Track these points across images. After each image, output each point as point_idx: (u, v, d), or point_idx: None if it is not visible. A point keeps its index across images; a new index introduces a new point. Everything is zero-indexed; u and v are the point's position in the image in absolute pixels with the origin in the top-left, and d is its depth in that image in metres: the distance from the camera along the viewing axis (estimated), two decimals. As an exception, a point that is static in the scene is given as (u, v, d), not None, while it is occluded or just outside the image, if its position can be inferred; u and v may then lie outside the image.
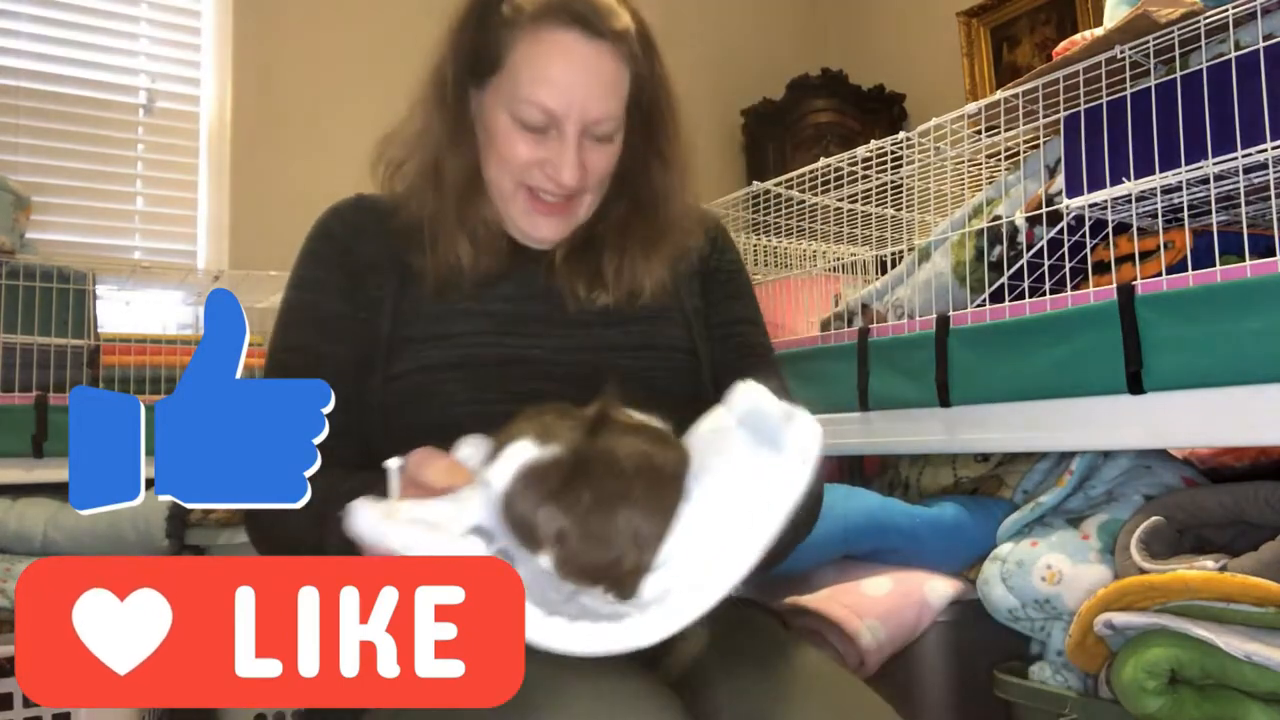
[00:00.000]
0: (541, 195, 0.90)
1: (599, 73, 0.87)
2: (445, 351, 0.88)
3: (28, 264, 1.77)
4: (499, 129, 0.88)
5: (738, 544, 0.57)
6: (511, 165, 0.89)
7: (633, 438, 0.63)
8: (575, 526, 0.59)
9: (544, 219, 0.92)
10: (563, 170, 0.87)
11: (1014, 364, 1.08)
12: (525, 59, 0.86)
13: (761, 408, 0.64)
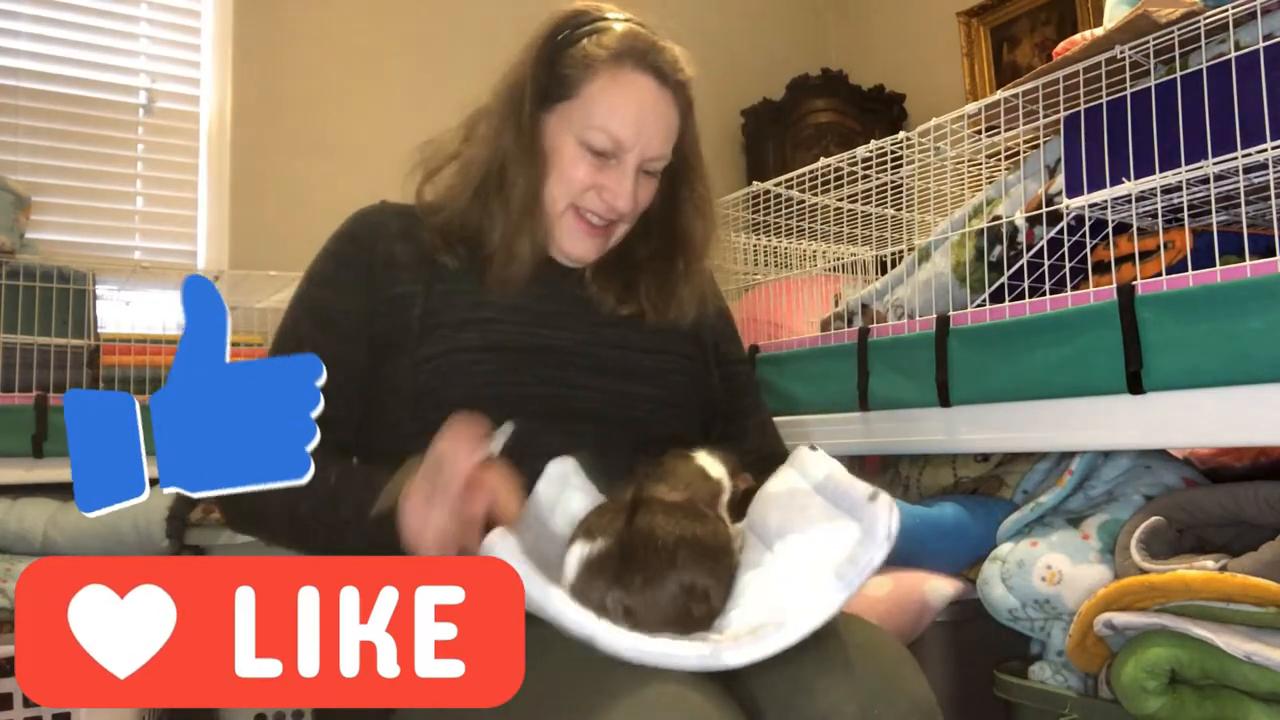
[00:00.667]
0: (588, 217, 0.97)
1: (664, 116, 0.97)
2: (479, 335, 0.93)
3: (28, 264, 1.77)
4: (564, 151, 0.96)
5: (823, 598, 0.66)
6: (570, 186, 0.96)
7: (665, 516, 0.73)
8: (637, 602, 0.70)
9: (585, 240, 0.98)
10: (619, 198, 0.95)
11: (1014, 364, 1.08)
12: (602, 92, 0.94)
13: (839, 481, 0.75)
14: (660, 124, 0.97)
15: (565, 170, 0.96)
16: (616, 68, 0.95)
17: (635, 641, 0.65)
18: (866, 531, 0.68)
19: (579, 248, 0.99)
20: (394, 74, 2.88)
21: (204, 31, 2.68)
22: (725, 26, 3.56)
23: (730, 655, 0.64)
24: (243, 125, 2.68)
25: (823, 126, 3.39)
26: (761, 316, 1.70)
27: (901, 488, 1.52)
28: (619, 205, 0.95)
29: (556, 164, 0.96)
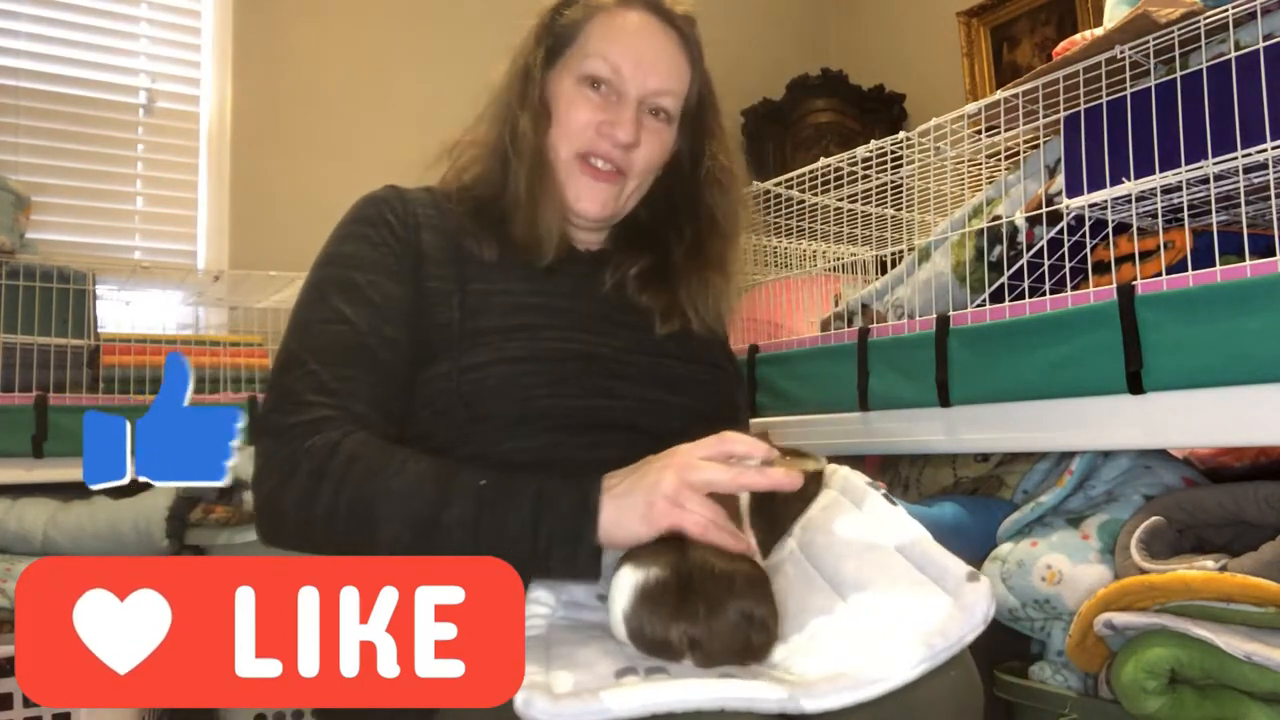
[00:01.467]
0: (594, 161, 0.95)
1: (663, 48, 0.97)
2: (526, 344, 0.89)
3: (28, 264, 1.77)
4: (564, 96, 0.95)
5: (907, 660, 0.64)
6: (571, 128, 0.94)
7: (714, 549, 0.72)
8: (703, 632, 0.68)
9: (593, 185, 0.96)
10: (619, 127, 0.93)
11: (1014, 364, 1.08)
12: (599, 27, 0.96)
13: (929, 550, 0.73)
14: (660, 57, 0.96)
15: (565, 113, 0.95)
16: (614, 8, 0.96)
17: (712, 690, 0.62)
18: (964, 609, 0.66)
19: (587, 198, 0.96)
20: (394, 74, 2.88)
21: (204, 31, 2.68)
22: (725, 26, 3.55)
23: (808, 701, 0.62)
24: (243, 125, 2.68)
25: (823, 126, 3.38)
26: (761, 316, 1.70)
27: (901, 488, 1.52)
28: (619, 135, 0.94)
29: (558, 111, 0.95)
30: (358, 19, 2.88)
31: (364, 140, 2.75)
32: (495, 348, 0.88)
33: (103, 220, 2.51)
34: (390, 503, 0.77)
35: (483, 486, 0.76)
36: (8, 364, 1.69)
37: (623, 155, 0.96)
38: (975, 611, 0.66)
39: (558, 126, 0.95)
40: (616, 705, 0.61)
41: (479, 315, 0.90)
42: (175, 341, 1.99)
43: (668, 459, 0.75)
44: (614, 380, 0.92)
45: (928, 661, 0.64)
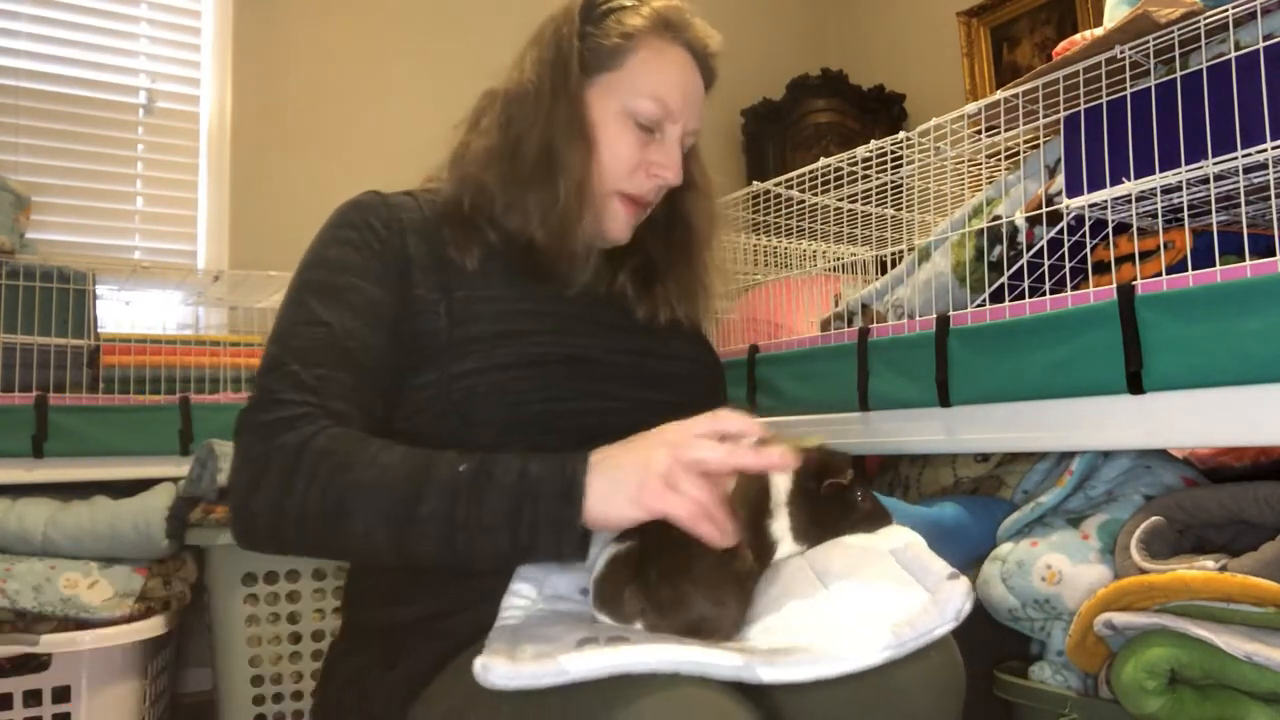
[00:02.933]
0: (634, 198, 0.97)
1: (699, 89, 0.99)
2: (517, 350, 0.88)
3: (28, 264, 1.77)
4: (608, 125, 0.94)
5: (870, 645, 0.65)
6: (617, 165, 0.94)
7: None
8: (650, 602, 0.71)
9: (627, 219, 0.98)
10: (668, 169, 0.95)
11: (1014, 364, 1.08)
12: (648, 62, 0.95)
13: (919, 554, 0.75)
14: (697, 97, 0.98)
15: (611, 146, 0.94)
16: (658, 39, 0.96)
17: (668, 654, 0.63)
18: (937, 603, 0.67)
19: (619, 227, 0.98)
20: (394, 74, 2.88)
21: (204, 31, 2.68)
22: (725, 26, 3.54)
23: (765, 670, 0.63)
24: (243, 125, 2.68)
25: (823, 126, 3.38)
26: (761, 316, 1.70)
27: (901, 488, 1.52)
28: (668, 177, 0.95)
29: (602, 142, 0.94)
30: (358, 19, 2.88)
31: (364, 140, 2.75)
32: (484, 354, 0.87)
33: (103, 220, 2.51)
34: (363, 496, 0.73)
35: (459, 474, 0.73)
36: (8, 364, 1.69)
37: (659, 192, 0.98)
38: (948, 607, 0.67)
39: (599, 159, 0.94)
40: (573, 667, 0.62)
41: (467, 323, 0.89)
42: (175, 341, 1.99)
43: (660, 434, 0.73)
44: (604, 382, 0.93)
45: (893, 649, 0.65)
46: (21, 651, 1.52)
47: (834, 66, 3.53)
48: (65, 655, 1.55)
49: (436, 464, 0.75)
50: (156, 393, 1.83)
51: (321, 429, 0.78)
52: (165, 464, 1.72)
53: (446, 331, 0.88)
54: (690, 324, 1.07)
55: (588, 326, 0.96)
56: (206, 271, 2.35)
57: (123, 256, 2.46)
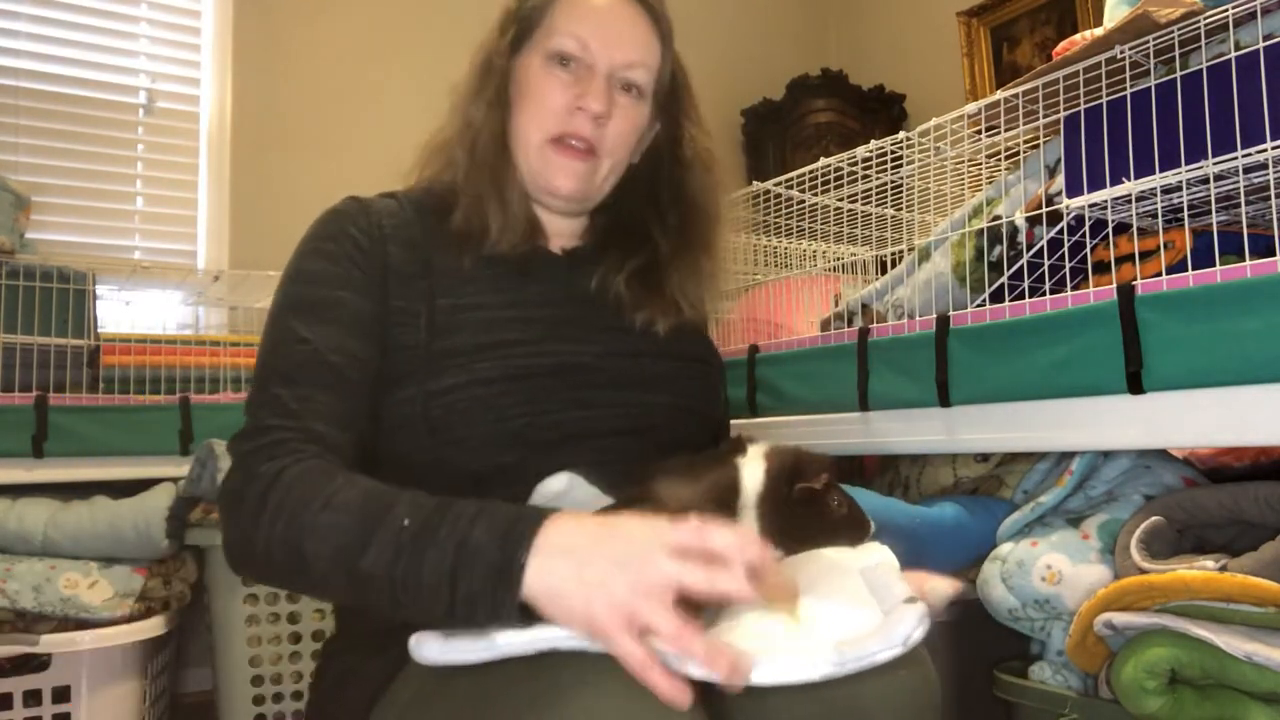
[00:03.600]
0: (567, 141, 0.94)
1: (631, 21, 0.96)
2: (498, 364, 0.86)
3: (28, 264, 1.77)
4: (533, 76, 0.94)
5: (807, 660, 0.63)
6: (541, 108, 0.93)
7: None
8: None
9: (565, 165, 0.95)
10: (589, 96, 0.92)
11: (1014, 364, 1.08)
12: (564, 9, 0.94)
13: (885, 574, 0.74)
14: (628, 30, 0.95)
15: (536, 94, 0.94)
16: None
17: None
18: (886, 626, 0.66)
19: (561, 176, 0.95)
20: (394, 74, 2.87)
21: (204, 31, 2.68)
22: (725, 26, 3.55)
23: (693, 666, 0.60)
24: (243, 125, 2.68)
25: (823, 126, 3.38)
26: (761, 316, 1.70)
27: (901, 488, 1.52)
28: (591, 105, 0.92)
29: (530, 95, 0.94)
30: (357, 19, 2.88)
31: (364, 140, 2.75)
32: (465, 369, 0.85)
33: (103, 220, 2.51)
34: (317, 540, 0.70)
35: (404, 528, 0.68)
36: (8, 364, 1.69)
37: (595, 130, 0.94)
38: (895, 632, 0.65)
39: (528, 109, 0.94)
40: (504, 641, 0.62)
41: (448, 334, 0.87)
42: (175, 341, 1.99)
43: (627, 542, 0.63)
44: (592, 389, 0.90)
45: (831, 667, 0.62)
46: (21, 651, 1.52)
47: (834, 66, 3.53)
48: (65, 655, 1.55)
49: (389, 512, 0.70)
50: (156, 393, 1.83)
51: (296, 459, 0.76)
52: (165, 464, 1.72)
53: (425, 345, 0.86)
54: (694, 322, 1.04)
55: (579, 329, 0.94)
56: (206, 271, 2.35)
57: (123, 256, 2.46)
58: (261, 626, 1.68)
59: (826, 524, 0.81)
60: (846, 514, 0.83)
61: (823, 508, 0.81)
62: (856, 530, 0.83)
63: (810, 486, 0.79)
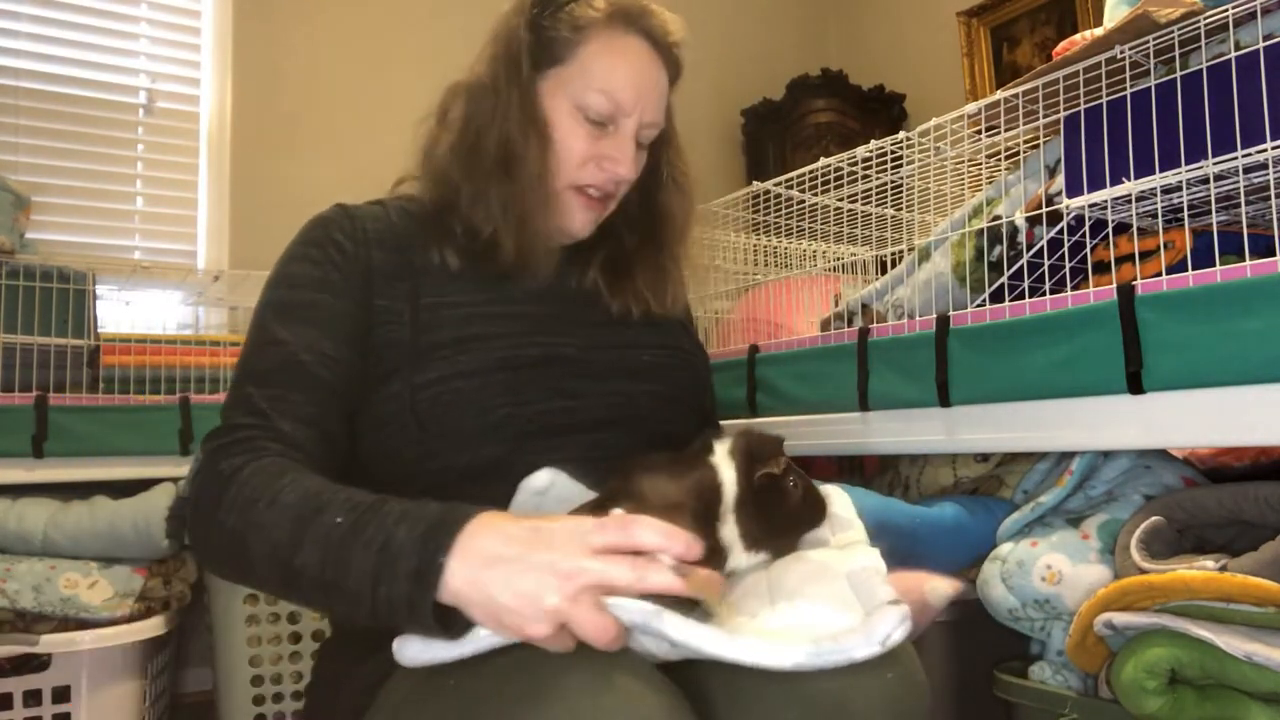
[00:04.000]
0: (589, 192, 0.95)
1: (658, 81, 0.97)
2: (479, 356, 0.87)
3: (28, 264, 1.77)
4: (560, 120, 0.93)
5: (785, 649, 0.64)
6: (569, 158, 0.93)
7: None
8: None
9: (585, 214, 0.97)
10: (621, 164, 0.93)
11: (1014, 364, 1.08)
12: (599, 54, 0.92)
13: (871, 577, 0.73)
14: (655, 89, 0.96)
15: (563, 141, 0.93)
16: (610, 30, 0.93)
17: None
18: (866, 626, 0.66)
19: (578, 222, 0.97)
20: (394, 74, 2.87)
21: (204, 31, 2.68)
22: (725, 26, 3.56)
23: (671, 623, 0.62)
24: (243, 125, 2.68)
25: (823, 126, 3.38)
26: (761, 316, 1.70)
27: (901, 488, 1.52)
28: (621, 172, 0.93)
29: (554, 138, 0.93)
30: (357, 20, 2.88)
31: (364, 140, 2.75)
32: (449, 361, 0.86)
33: (103, 220, 2.51)
34: (258, 537, 0.71)
35: (335, 526, 0.68)
36: (8, 364, 1.69)
37: (617, 186, 0.96)
38: (874, 631, 0.65)
39: (551, 154, 0.93)
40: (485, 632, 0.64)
41: (431, 330, 0.88)
42: (175, 341, 1.99)
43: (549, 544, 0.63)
44: (577, 380, 0.91)
45: (809, 658, 0.63)
46: (21, 651, 1.52)
47: (834, 66, 3.53)
48: (65, 655, 1.55)
49: (322, 512, 0.70)
50: (156, 393, 1.83)
51: (256, 457, 0.77)
52: (165, 464, 1.72)
53: (410, 341, 0.88)
54: (668, 316, 1.04)
55: (562, 324, 0.95)
56: (206, 271, 2.35)
57: (123, 256, 2.46)
58: (261, 626, 1.68)
59: (790, 507, 0.81)
60: (803, 495, 0.82)
61: (783, 492, 0.80)
62: (815, 509, 0.83)
63: (770, 473, 0.78)
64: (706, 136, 3.44)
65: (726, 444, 0.81)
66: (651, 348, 1.00)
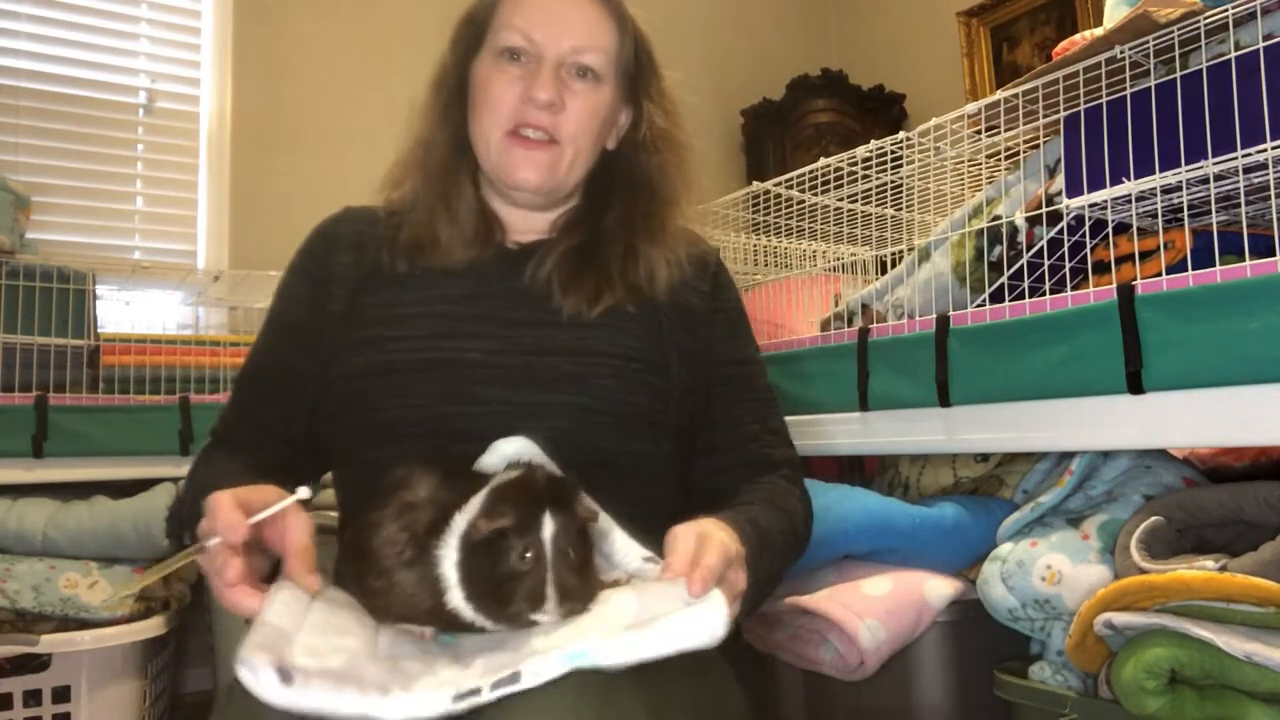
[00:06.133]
0: (524, 133, 0.93)
1: (575, 4, 0.94)
2: (370, 358, 0.90)
3: (28, 264, 1.77)
4: (484, 76, 0.94)
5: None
6: (494, 106, 0.93)
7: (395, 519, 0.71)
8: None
9: (524, 155, 0.93)
10: (536, 87, 0.91)
11: (1014, 364, 1.08)
12: (508, 4, 0.94)
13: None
14: (575, 14, 0.94)
15: (489, 91, 0.93)
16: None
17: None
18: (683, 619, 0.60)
19: (520, 171, 0.93)
20: (394, 74, 2.87)
21: (204, 31, 2.68)
22: (725, 26, 3.56)
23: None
24: (243, 125, 2.68)
25: (823, 126, 3.38)
26: (761, 316, 1.70)
27: (901, 488, 1.52)
28: (539, 94, 0.90)
29: (482, 94, 0.94)
30: (357, 20, 2.88)
31: (364, 140, 2.74)
32: (343, 361, 0.91)
33: (103, 220, 2.51)
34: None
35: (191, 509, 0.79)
36: (8, 364, 1.69)
37: (550, 119, 0.92)
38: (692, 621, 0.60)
39: (483, 109, 0.94)
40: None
41: (348, 329, 0.92)
42: (175, 341, 1.99)
43: None
44: (479, 385, 0.87)
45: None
46: (21, 651, 1.52)
47: (834, 66, 3.53)
48: (65, 655, 1.55)
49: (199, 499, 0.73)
50: (156, 393, 1.83)
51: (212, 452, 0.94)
52: (165, 464, 1.72)
53: (333, 340, 0.93)
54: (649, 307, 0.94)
55: (485, 325, 0.91)
56: (206, 271, 2.35)
57: (123, 256, 2.46)
58: (261, 626, 1.68)
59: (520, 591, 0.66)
60: (531, 584, 0.65)
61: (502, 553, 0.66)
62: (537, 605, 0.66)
63: (497, 527, 0.65)
64: (706, 137, 3.44)
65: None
66: (576, 354, 0.90)
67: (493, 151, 0.94)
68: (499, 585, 0.65)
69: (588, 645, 0.59)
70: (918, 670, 1.25)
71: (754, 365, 1.02)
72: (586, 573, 0.67)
